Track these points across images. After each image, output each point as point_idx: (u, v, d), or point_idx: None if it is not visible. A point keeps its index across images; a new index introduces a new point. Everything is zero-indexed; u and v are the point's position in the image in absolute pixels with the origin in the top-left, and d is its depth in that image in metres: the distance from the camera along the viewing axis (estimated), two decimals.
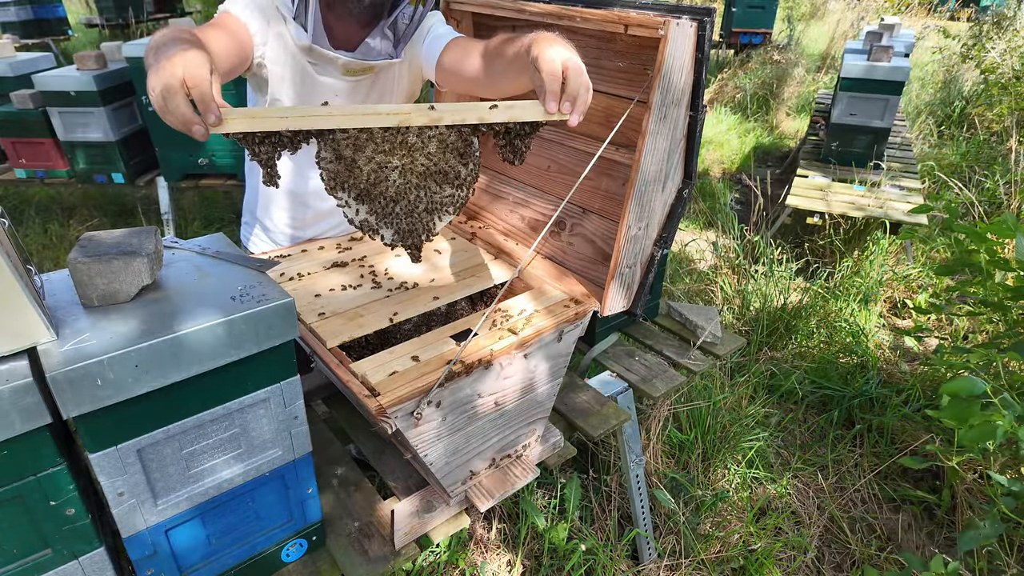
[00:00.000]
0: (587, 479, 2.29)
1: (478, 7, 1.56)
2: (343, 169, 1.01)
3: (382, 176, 1.03)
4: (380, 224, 1.08)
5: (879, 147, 3.98)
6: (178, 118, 0.89)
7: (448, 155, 1.05)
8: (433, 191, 1.08)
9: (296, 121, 0.93)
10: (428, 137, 1.02)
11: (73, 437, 0.92)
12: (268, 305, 0.89)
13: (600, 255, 1.53)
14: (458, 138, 1.04)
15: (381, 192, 1.05)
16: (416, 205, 1.09)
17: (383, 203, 1.06)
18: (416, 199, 1.08)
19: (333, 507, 1.26)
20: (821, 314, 3.20)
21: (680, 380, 1.70)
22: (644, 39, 1.31)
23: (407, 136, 1.01)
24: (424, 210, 1.10)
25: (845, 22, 9.27)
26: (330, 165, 1.01)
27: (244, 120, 0.91)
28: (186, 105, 0.88)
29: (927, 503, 2.32)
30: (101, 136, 3.53)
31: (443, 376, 1.09)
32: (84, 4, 11.48)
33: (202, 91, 0.88)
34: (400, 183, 1.05)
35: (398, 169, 1.04)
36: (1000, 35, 6.57)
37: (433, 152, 1.04)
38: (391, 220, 1.08)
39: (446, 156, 1.05)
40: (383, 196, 1.06)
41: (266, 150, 0.95)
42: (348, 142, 0.99)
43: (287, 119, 0.93)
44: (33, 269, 0.88)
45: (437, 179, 1.07)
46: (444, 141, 1.04)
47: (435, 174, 1.07)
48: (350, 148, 1.00)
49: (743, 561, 2.03)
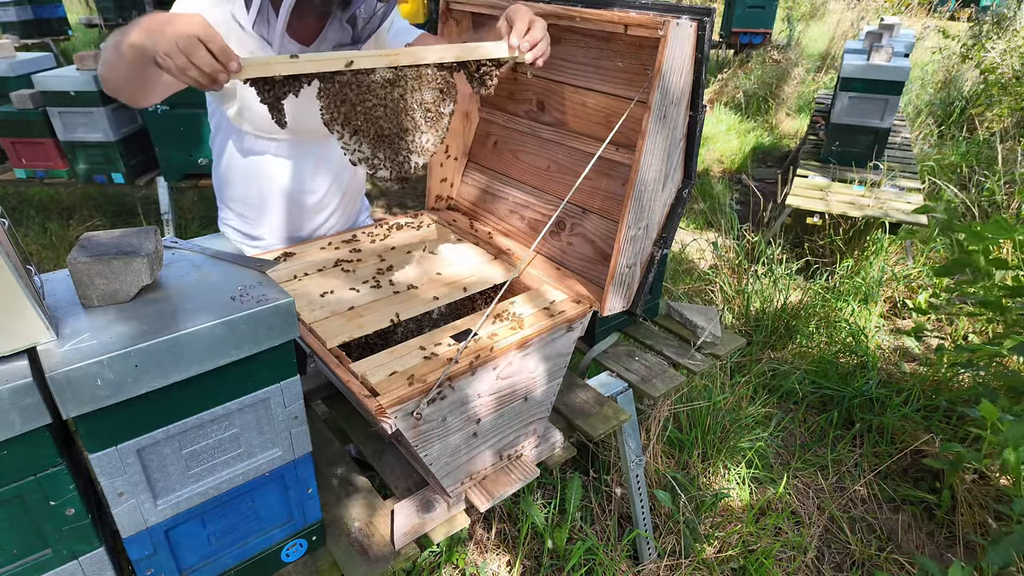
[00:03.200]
0: (587, 479, 2.29)
1: (478, 7, 1.56)
2: (342, 105, 1.15)
3: (375, 112, 1.17)
4: (374, 156, 1.20)
5: (879, 147, 3.98)
6: (207, 68, 0.96)
7: (430, 91, 1.21)
8: (418, 122, 1.22)
9: (304, 65, 1.05)
10: (413, 76, 1.18)
11: (73, 437, 0.92)
12: (268, 305, 0.89)
13: (600, 255, 1.53)
14: (436, 74, 1.20)
15: (374, 126, 1.18)
16: (404, 137, 1.21)
17: (375, 136, 1.19)
18: (403, 131, 1.21)
19: (333, 507, 1.26)
20: (821, 314, 3.20)
21: (680, 380, 1.70)
22: (644, 39, 1.31)
23: (399, 72, 1.16)
24: (411, 140, 1.23)
25: (845, 22, 9.28)
26: (330, 103, 1.14)
27: (260, 67, 1.02)
28: (209, 55, 0.96)
29: (927, 503, 2.32)
30: (101, 136, 3.53)
31: (443, 376, 1.09)
32: (84, 4, 11.48)
33: (220, 43, 0.96)
34: (390, 116, 1.19)
35: (387, 106, 1.18)
36: (1000, 35, 6.58)
37: (417, 88, 1.19)
38: (382, 150, 1.21)
39: (429, 92, 1.21)
40: (376, 129, 1.18)
41: (275, 93, 1.07)
42: (345, 81, 1.13)
43: (296, 63, 1.05)
44: (33, 269, 0.88)
45: (421, 111, 1.22)
46: (425, 78, 1.19)
47: (419, 107, 1.21)
48: (349, 88, 1.13)
49: (743, 561, 2.03)
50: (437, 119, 1.22)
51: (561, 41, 1.52)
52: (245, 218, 1.65)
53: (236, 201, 1.63)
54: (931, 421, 2.61)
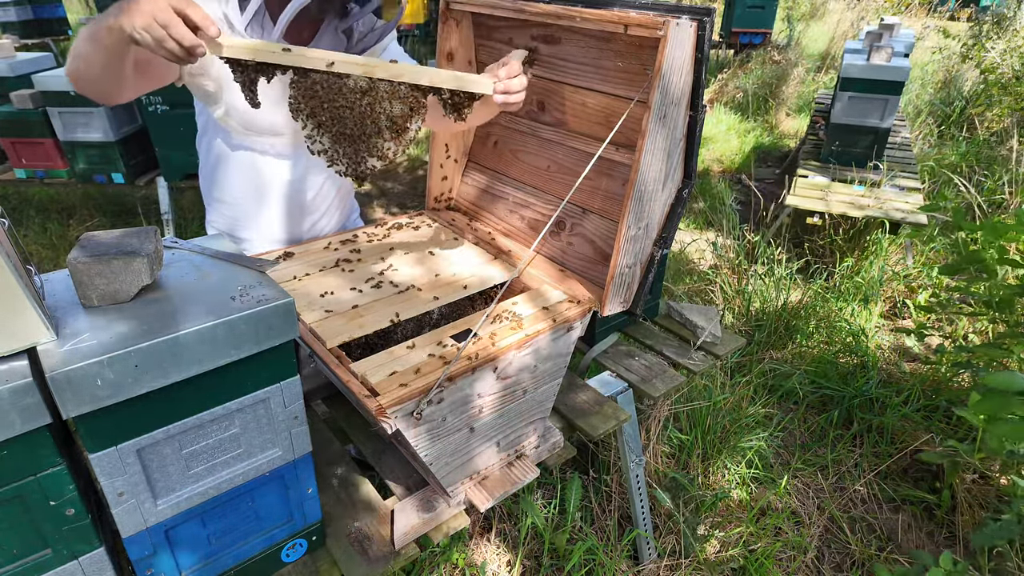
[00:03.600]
0: (587, 479, 2.29)
1: (478, 7, 1.56)
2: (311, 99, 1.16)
3: (342, 113, 1.18)
4: (333, 150, 1.21)
5: (879, 147, 3.98)
6: (184, 42, 0.96)
7: (400, 105, 1.21)
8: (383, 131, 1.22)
9: (284, 57, 1.08)
10: (387, 90, 1.18)
11: (73, 437, 0.92)
12: (268, 305, 0.89)
13: (600, 255, 1.53)
14: (409, 92, 1.20)
15: (338, 124, 1.19)
16: (367, 140, 1.22)
17: (337, 132, 1.20)
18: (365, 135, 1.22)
19: (333, 507, 1.26)
20: (821, 314, 3.20)
21: (680, 380, 1.70)
22: (644, 39, 1.31)
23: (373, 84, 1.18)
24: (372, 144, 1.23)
25: (845, 22, 9.28)
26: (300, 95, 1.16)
27: (239, 49, 1.04)
28: (185, 28, 0.96)
29: (927, 503, 2.32)
30: (101, 136, 3.53)
31: (443, 376, 1.09)
32: (84, 4, 11.48)
33: (200, 12, 0.97)
34: (356, 120, 1.19)
35: (355, 110, 1.18)
36: (1000, 35, 6.57)
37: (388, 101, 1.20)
38: (342, 146, 1.22)
39: (399, 106, 1.21)
40: (339, 127, 1.19)
41: (248, 75, 1.09)
42: (319, 79, 1.14)
43: (278, 55, 1.07)
44: (33, 269, 0.88)
45: (387, 122, 1.22)
46: (398, 93, 1.20)
47: (386, 118, 1.22)
48: (321, 86, 1.14)
49: (743, 561, 2.03)
50: (401, 132, 1.23)
51: (561, 41, 1.52)
52: (231, 219, 1.65)
53: (222, 202, 1.63)
54: (931, 421, 2.61)
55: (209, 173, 1.62)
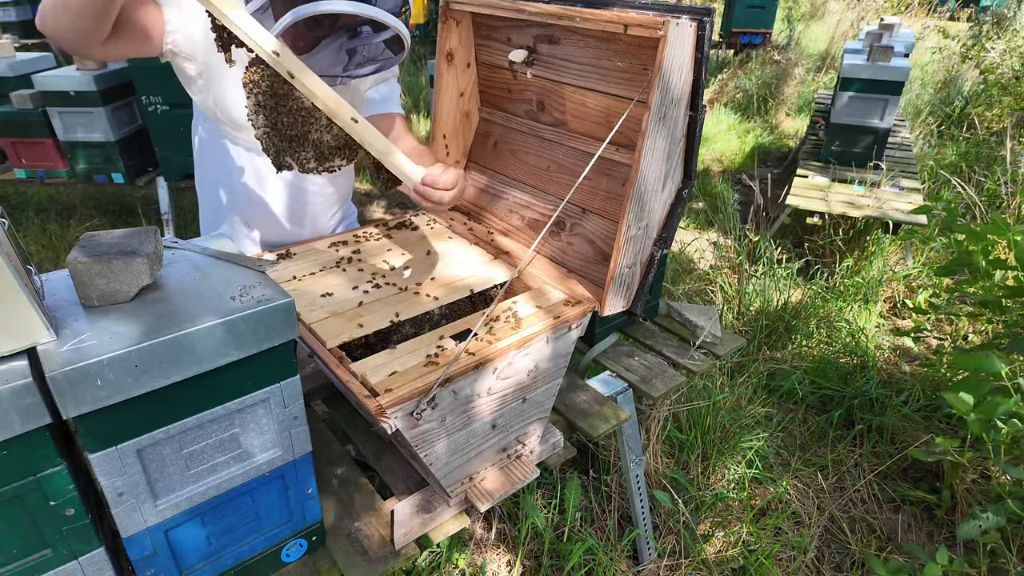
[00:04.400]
0: (587, 479, 2.29)
1: (477, 7, 1.56)
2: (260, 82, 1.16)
3: (279, 110, 1.18)
4: (265, 133, 1.20)
5: (879, 147, 3.98)
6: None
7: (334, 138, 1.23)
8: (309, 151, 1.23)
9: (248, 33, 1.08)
10: (325, 119, 1.19)
11: (73, 437, 0.92)
12: (268, 305, 0.89)
13: (600, 255, 1.53)
14: (343, 133, 1.21)
15: (274, 116, 1.19)
16: (295, 144, 1.22)
17: (272, 123, 1.19)
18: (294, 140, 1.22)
19: (333, 507, 1.26)
20: (821, 314, 3.20)
21: (680, 380, 1.70)
22: (644, 39, 1.31)
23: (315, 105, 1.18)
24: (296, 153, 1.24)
25: (845, 22, 9.28)
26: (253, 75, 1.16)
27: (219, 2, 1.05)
28: None
29: (927, 503, 2.32)
30: (101, 136, 3.53)
31: (443, 376, 1.09)
32: None
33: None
34: (291, 125, 1.20)
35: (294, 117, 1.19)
36: (1000, 35, 6.58)
37: (326, 131, 1.22)
38: (275, 137, 1.21)
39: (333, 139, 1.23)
40: (275, 120, 1.19)
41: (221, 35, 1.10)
42: (271, 72, 1.14)
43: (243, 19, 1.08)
44: (33, 269, 0.88)
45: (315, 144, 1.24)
46: (335, 127, 1.20)
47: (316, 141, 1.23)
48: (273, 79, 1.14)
49: (743, 561, 2.03)
50: (327, 159, 1.23)
51: (561, 41, 1.52)
52: (222, 220, 1.65)
53: (212, 203, 1.64)
54: (931, 421, 2.61)
55: (201, 175, 1.63)
